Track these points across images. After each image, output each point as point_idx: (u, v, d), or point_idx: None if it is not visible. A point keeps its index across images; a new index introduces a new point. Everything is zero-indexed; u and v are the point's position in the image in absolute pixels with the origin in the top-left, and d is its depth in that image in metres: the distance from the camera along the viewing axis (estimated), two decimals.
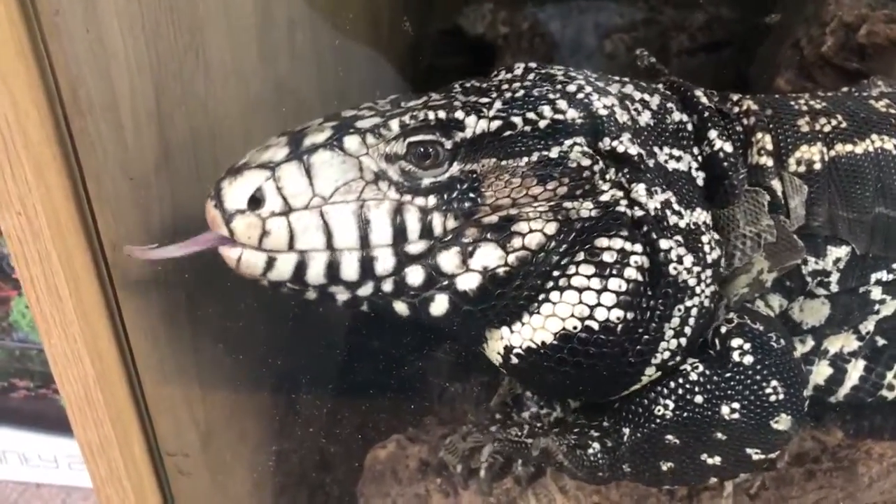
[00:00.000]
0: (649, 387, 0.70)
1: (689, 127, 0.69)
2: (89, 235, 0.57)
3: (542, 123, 0.62)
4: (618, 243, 0.62)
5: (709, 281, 0.66)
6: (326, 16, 0.94)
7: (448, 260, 0.60)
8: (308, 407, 0.97)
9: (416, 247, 0.60)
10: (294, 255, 0.58)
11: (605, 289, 0.61)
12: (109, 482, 0.66)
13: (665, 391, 0.69)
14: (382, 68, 1.12)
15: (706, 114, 0.70)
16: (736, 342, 0.67)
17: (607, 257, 0.61)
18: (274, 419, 0.93)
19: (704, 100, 0.71)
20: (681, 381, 0.68)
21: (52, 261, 0.55)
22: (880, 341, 0.79)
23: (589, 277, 0.61)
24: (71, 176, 0.55)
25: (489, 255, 0.60)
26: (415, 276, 0.60)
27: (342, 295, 0.60)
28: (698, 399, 0.67)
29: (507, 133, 0.61)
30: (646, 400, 0.70)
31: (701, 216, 0.66)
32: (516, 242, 0.60)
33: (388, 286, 0.60)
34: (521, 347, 0.63)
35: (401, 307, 0.61)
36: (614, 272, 0.61)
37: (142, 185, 0.62)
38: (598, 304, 0.61)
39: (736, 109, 0.73)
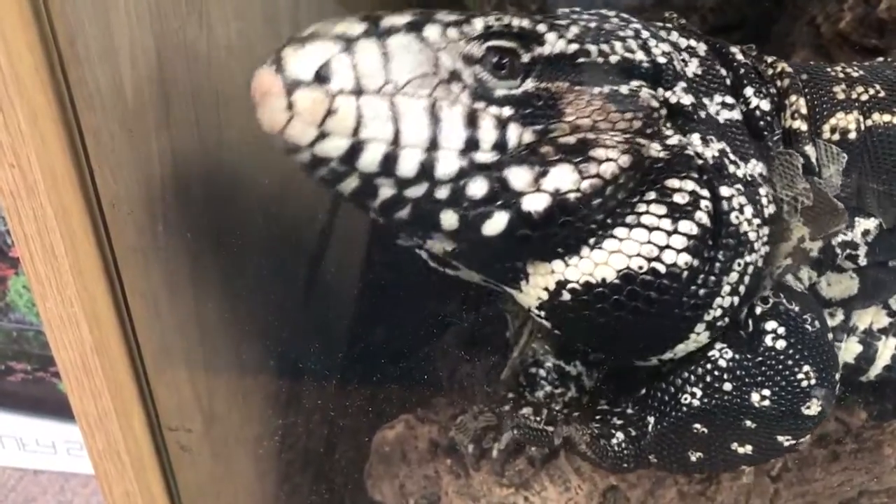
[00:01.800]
0: (676, 373, 0.67)
1: (728, 83, 0.67)
2: (87, 192, 0.55)
3: (613, 59, 0.60)
4: (689, 185, 0.59)
5: (765, 238, 0.63)
6: None
7: (519, 176, 0.56)
8: (315, 385, 0.95)
9: (485, 156, 0.55)
10: (352, 139, 0.53)
11: (675, 231, 0.58)
12: (108, 456, 0.64)
13: (692, 378, 0.66)
14: None
15: (742, 70, 0.67)
16: (770, 325, 0.65)
17: (678, 198, 0.58)
18: (280, 396, 0.90)
19: (741, 56, 0.69)
20: (709, 367, 0.66)
21: (48, 217, 0.52)
22: None
23: (660, 217, 0.58)
24: (68, 127, 0.52)
25: (564, 178, 0.56)
26: (477, 187, 0.55)
27: (387, 190, 0.55)
28: (727, 386, 0.65)
29: (582, 59, 0.59)
30: (672, 387, 0.67)
31: (756, 167, 0.64)
32: (592, 168, 0.57)
33: (443, 192, 0.55)
34: (577, 283, 0.59)
35: (449, 218, 0.56)
36: (685, 214, 0.58)
37: (141, 140, 0.59)
38: (668, 247, 0.58)
39: (770, 71, 0.70)
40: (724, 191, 0.61)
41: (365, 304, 0.98)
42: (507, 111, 0.56)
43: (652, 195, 0.58)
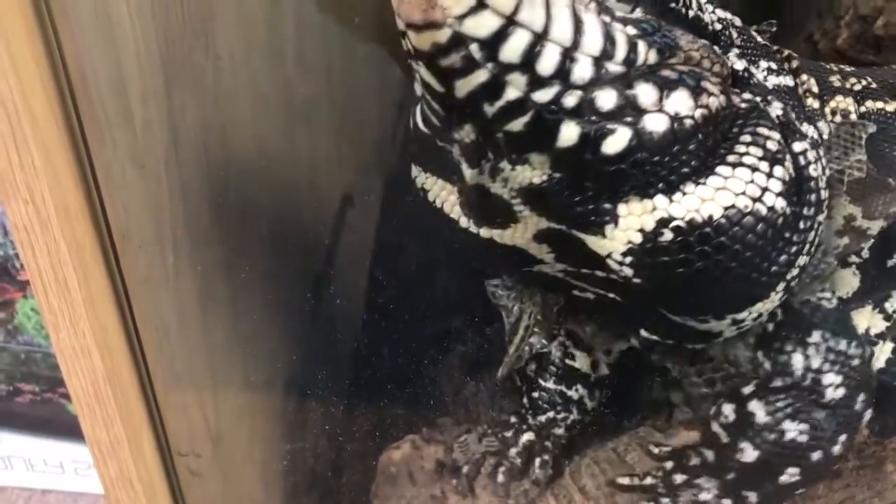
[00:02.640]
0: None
1: (766, 52, 0.68)
2: (98, 225, 0.56)
3: (691, 13, 0.60)
4: (776, 135, 0.59)
5: (827, 202, 0.63)
6: (335, 13, 0.93)
7: (647, 92, 0.54)
8: (320, 407, 0.95)
9: (616, 68, 0.53)
10: (501, 18, 0.48)
11: (771, 175, 0.57)
12: (119, 483, 0.65)
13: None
14: (391, 65, 1.11)
15: (764, 47, 0.68)
16: (827, 379, 0.68)
17: (770, 145, 0.58)
18: (286, 419, 0.91)
19: (759, 38, 0.69)
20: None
21: (61, 251, 0.53)
22: None
23: (759, 160, 0.57)
24: (80, 163, 0.53)
25: (682, 101, 0.55)
26: (606, 98, 0.53)
27: (513, 92, 0.50)
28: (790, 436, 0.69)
29: (672, 5, 0.59)
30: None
31: (809, 130, 0.64)
32: (703, 99, 0.56)
33: (571, 99, 0.52)
34: (682, 220, 0.56)
35: (570, 132, 0.52)
36: (778, 161, 0.58)
37: (151, 174, 0.60)
38: (768, 189, 0.57)
39: (779, 55, 0.71)
40: (797, 146, 0.60)
41: (370, 326, 0.98)
42: (631, 30, 0.54)
43: (748, 138, 0.58)
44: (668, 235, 0.56)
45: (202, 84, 0.68)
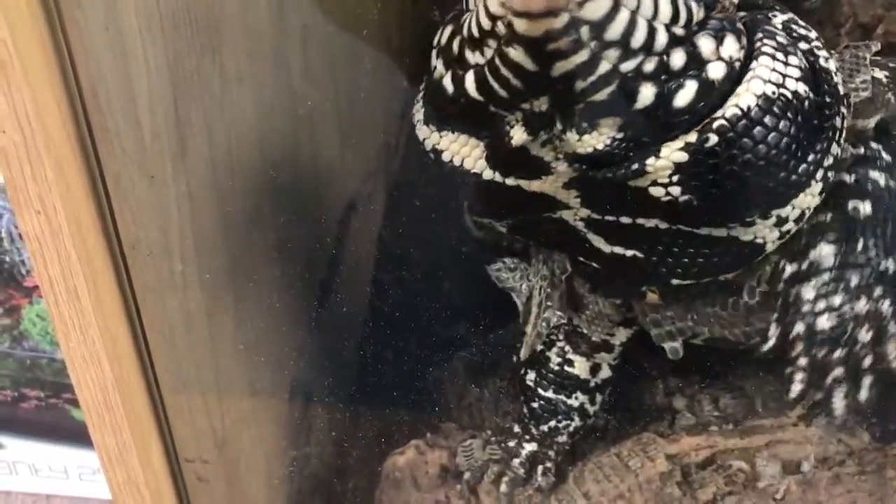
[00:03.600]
0: None
1: None
2: (108, 235, 0.57)
3: None
4: (782, 32, 0.62)
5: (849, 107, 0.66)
6: (341, 23, 0.94)
7: (707, 45, 0.58)
8: (326, 413, 0.96)
9: (681, 30, 0.57)
10: (613, 2, 0.53)
11: (787, 63, 0.60)
12: (127, 489, 0.65)
13: None
14: (397, 74, 1.12)
15: None
16: None
17: (780, 39, 0.61)
18: (291, 425, 0.92)
19: None
20: None
21: (72, 261, 0.54)
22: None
23: (775, 49, 0.60)
24: (91, 174, 0.54)
25: (733, 46, 0.59)
26: (677, 58, 0.57)
27: (605, 64, 0.55)
28: None
29: None
30: None
31: (813, 33, 0.66)
32: (743, 40, 0.60)
33: (650, 65, 0.56)
34: (723, 117, 0.59)
35: (647, 92, 0.57)
36: (790, 51, 0.61)
37: (160, 184, 0.61)
38: (788, 76, 0.60)
39: None
40: (803, 45, 0.63)
41: (374, 330, 0.99)
42: None
43: (760, 35, 0.61)
44: (712, 139, 0.58)
45: (210, 95, 0.68)
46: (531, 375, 0.88)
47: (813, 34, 0.65)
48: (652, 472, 0.83)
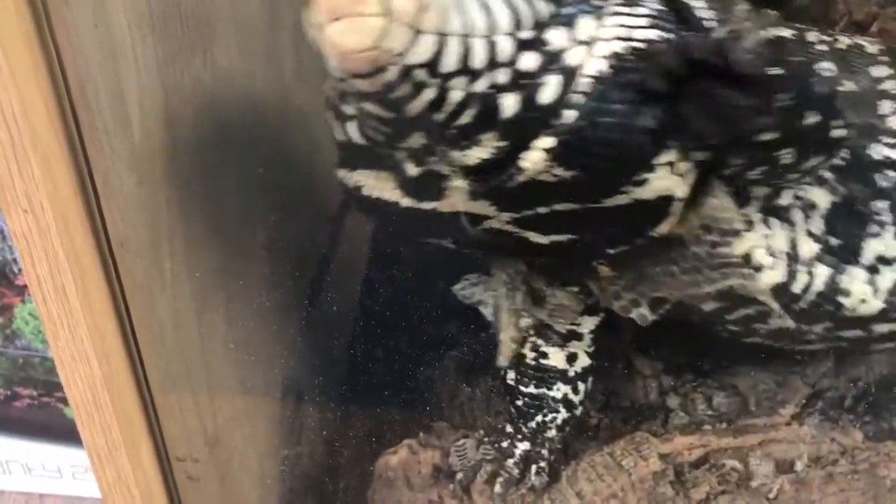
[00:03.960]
0: None
1: None
2: (97, 233, 0.56)
3: None
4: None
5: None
6: None
7: (557, 37, 0.58)
8: (317, 411, 0.96)
9: (528, 33, 0.57)
10: (436, 37, 0.52)
11: (632, 14, 0.60)
12: (117, 488, 0.65)
13: None
14: None
15: None
16: None
17: None
18: (282, 423, 0.92)
19: None
20: None
21: (60, 259, 0.53)
22: (832, 241, 0.76)
23: (618, 5, 0.60)
24: (79, 172, 0.54)
25: (589, 27, 0.58)
26: (530, 60, 0.57)
27: (456, 93, 0.55)
28: None
29: None
30: None
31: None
32: (600, 13, 0.59)
33: (503, 76, 0.56)
34: (574, 91, 0.58)
35: (510, 102, 0.57)
36: (637, 3, 0.60)
37: (149, 183, 0.61)
38: (636, 26, 0.59)
39: None
40: None
41: (366, 329, 0.99)
42: None
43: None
44: (569, 115, 0.58)
45: (200, 94, 0.68)
46: (511, 374, 0.88)
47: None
48: (645, 472, 0.82)
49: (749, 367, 0.94)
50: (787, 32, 0.75)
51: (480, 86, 0.55)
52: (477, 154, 0.59)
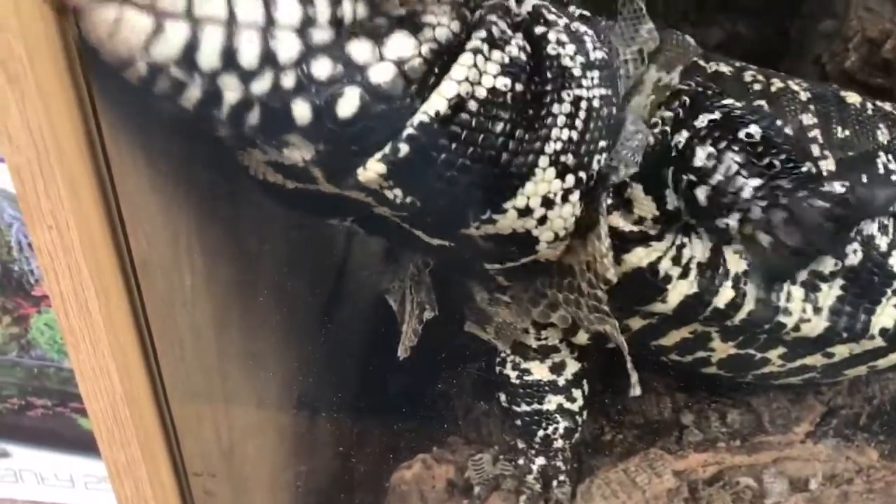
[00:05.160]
0: None
1: None
2: (120, 250, 0.57)
3: None
4: (501, 24, 0.60)
5: (595, 80, 0.64)
6: None
7: (360, 48, 0.54)
8: (333, 426, 0.96)
9: (324, 34, 0.52)
10: (187, 25, 0.48)
11: (489, 59, 0.58)
12: (135, 502, 0.65)
13: None
14: None
15: None
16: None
17: (495, 31, 0.59)
18: (299, 439, 0.92)
19: None
20: None
21: (83, 275, 0.54)
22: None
23: (482, 41, 0.58)
24: (103, 190, 0.54)
25: (403, 45, 0.55)
26: (321, 67, 0.53)
27: (233, 93, 0.51)
28: None
29: None
30: None
31: (582, 26, 0.66)
32: (427, 34, 0.56)
33: (289, 80, 0.52)
34: (412, 125, 0.56)
35: (302, 109, 0.53)
36: (497, 46, 0.59)
37: (171, 199, 0.62)
38: (485, 72, 0.58)
39: None
40: (538, 29, 0.62)
41: (381, 343, 0.99)
42: None
43: (477, 29, 0.59)
44: (403, 149, 0.56)
45: None
46: (503, 398, 0.89)
47: (560, 20, 0.64)
48: (659, 489, 0.83)
49: (763, 384, 0.93)
50: (725, 68, 0.78)
51: (261, 87, 0.51)
52: (293, 156, 0.56)
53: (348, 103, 0.54)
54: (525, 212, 0.64)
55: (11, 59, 0.46)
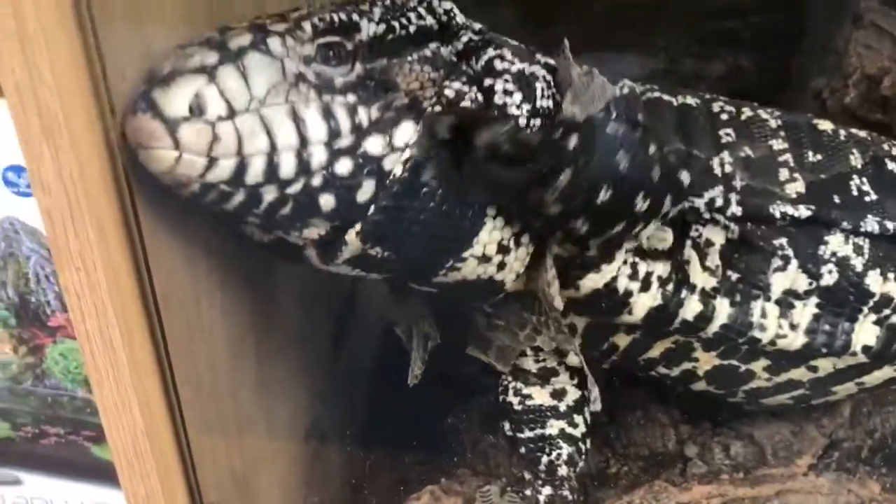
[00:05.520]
0: None
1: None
2: (143, 289, 0.59)
3: (412, 28, 0.67)
4: (456, 84, 0.67)
5: (536, 127, 0.69)
6: None
7: (374, 143, 0.62)
8: (343, 457, 0.97)
9: (346, 140, 0.61)
10: (238, 158, 0.57)
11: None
12: None
13: None
14: None
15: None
16: None
17: (448, 93, 0.66)
18: (310, 469, 0.93)
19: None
20: None
21: (109, 315, 0.56)
22: (733, 275, 0.80)
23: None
24: (129, 233, 0.56)
25: (408, 131, 0.64)
26: (343, 166, 0.61)
27: (270, 195, 0.60)
28: None
29: (391, 36, 0.65)
30: None
31: (539, 71, 0.70)
32: (423, 113, 0.65)
33: (317, 180, 0.61)
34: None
35: (327, 201, 0.62)
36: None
37: (192, 238, 0.64)
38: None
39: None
40: (487, 80, 0.68)
41: (390, 375, 1.01)
42: (351, 97, 0.62)
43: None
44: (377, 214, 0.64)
45: None
46: (507, 425, 0.91)
47: (512, 67, 0.69)
48: None
49: (766, 417, 0.95)
50: (692, 100, 0.82)
51: (294, 189, 0.60)
52: (310, 234, 0.64)
53: (366, 191, 0.63)
54: (483, 259, 0.70)
55: (48, 113, 0.49)
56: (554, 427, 0.89)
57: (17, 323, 0.93)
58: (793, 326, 0.80)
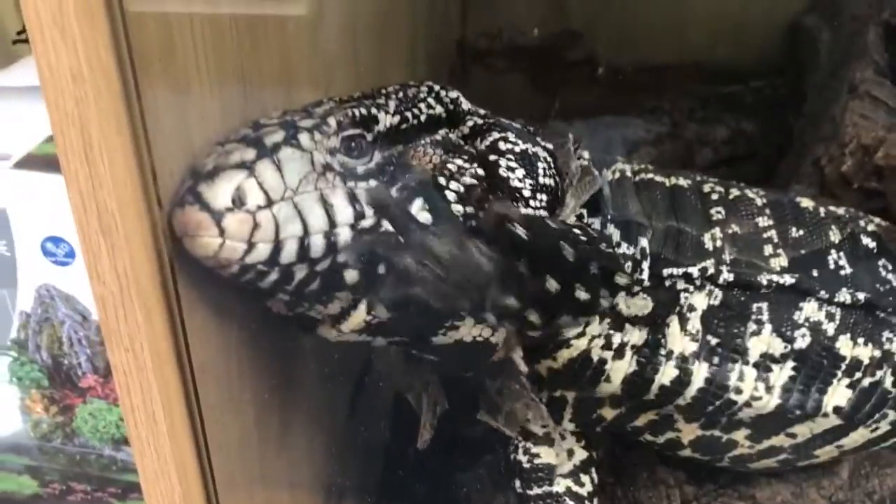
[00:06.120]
0: None
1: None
2: (183, 365, 0.64)
3: (423, 118, 0.75)
4: (458, 161, 0.74)
5: (543, 202, 0.76)
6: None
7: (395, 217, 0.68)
8: None
9: (369, 221, 0.67)
10: (274, 242, 0.63)
11: (447, 187, 0.72)
12: None
13: None
14: None
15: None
16: None
17: (451, 167, 0.73)
18: None
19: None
20: None
21: (153, 391, 0.61)
22: (712, 340, 0.84)
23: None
24: (171, 318, 0.62)
25: (417, 206, 0.70)
26: (367, 243, 0.67)
27: (301, 272, 0.66)
28: None
29: (405, 125, 0.73)
30: None
31: (541, 152, 0.77)
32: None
33: (343, 257, 0.67)
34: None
35: (351, 275, 0.68)
36: (455, 178, 0.72)
37: (227, 316, 0.69)
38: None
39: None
40: (492, 157, 0.75)
41: (400, 437, 1.04)
42: (372, 183, 0.69)
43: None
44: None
45: None
46: (516, 483, 0.95)
47: (516, 147, 0.76)
48: None
49: (767, 478, 0.98)
50: (684, 182, 0.89)
51: (322, 266, 0.66)
52: (334, 308, 0.70)
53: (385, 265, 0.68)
54: (480, 321, 0.75)
55: (105, 213, 0.55)
56: (561, 485, 0.93)
57: (49, 384, 0.98)
58: (768, 389, 0.84)
